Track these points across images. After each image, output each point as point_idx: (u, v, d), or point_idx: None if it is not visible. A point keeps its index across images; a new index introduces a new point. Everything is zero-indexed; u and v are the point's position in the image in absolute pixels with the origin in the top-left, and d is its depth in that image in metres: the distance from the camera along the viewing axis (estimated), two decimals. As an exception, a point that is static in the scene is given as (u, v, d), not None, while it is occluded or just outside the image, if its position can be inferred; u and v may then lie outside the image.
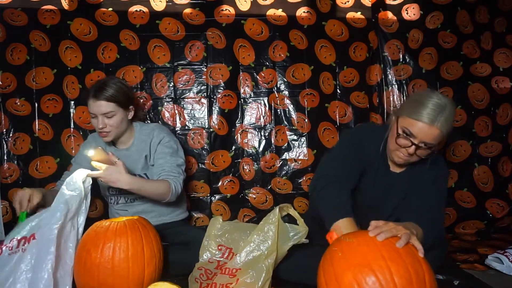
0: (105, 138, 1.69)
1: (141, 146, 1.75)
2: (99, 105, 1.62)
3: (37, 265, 1.17)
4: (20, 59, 2.08)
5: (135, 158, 1.74)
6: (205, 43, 2.21)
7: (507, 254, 1.59)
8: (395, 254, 0.95)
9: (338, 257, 0.99)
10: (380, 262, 0.92)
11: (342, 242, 1.03)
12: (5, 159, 2.07)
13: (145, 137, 1.76)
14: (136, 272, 1.22)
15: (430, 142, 1.29)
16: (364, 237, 1.01)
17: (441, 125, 1.26)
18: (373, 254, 0.95)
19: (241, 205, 2.25)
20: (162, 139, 1.74)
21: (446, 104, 1.27)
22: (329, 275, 0.99)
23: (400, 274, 0.90)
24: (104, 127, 1.64)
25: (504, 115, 2.28)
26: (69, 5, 2.13)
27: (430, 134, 1.27)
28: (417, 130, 1.28)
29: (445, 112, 1.26)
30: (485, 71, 2.27)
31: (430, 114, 1.26)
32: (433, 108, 1.26)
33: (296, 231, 1.30)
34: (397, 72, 2.27)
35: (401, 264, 0.92)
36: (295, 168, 2.26)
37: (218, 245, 1.35)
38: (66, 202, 1.27)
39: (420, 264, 0.95)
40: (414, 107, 1.30)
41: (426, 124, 1.26)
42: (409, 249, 0.98)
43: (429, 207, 1.38)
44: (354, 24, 2.29)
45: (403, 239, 0.98)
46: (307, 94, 2.27)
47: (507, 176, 2.28)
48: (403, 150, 1.34)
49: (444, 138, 1.31)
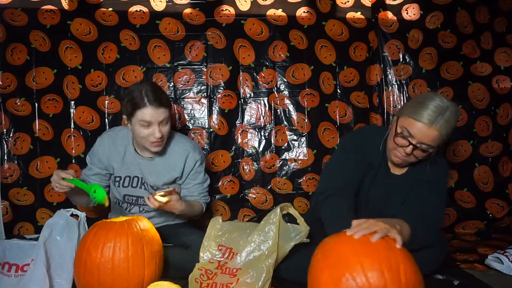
0: (158, 148, 1.58)
1: (168, 159, 1.68)
2: (160, 112, 1.50)
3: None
4: (20, 59, 2.08)
5: (158, 170, 1.67)
6: (205, 43, 2.21)
7: (507, 254, 1.59)
8: (368, 248, 0.98)
9: (317, 258, 1.03)
10: (353, 259, 0.95)
11: (323, 244, 1.07)
12: (5, 159, 2.06)
13: (177, 155, 1.68)
14: (136, 272, 1.22)
15: (428, 143, 1.29)
16: (342, 237, 1.04)
17: (440, 127, 1.26)
18: (348, 252, 0.98)
19: (241, 205, 2.25)
20: (196, 163, 1.70)
21: (448, 107, 1.27)
22: (311, 276, 1.04)
23: (372, 267, 0.93)
24: (162, 136, 1.53)
25: (504, 115, 2.28)
26: (69, 5, 2.13)
27: (429, 135, 1.27)
28: (416, 131, 1.28)
29: (446, 115, 1.26)
30: (486, 71, 2.27)
31: (430, 115, 1.26)
32: (433, 109, 1.26)
33: (297, 231, 1.30)
34: (397, 72, 2.27)
35: (373, 257, 0.95)
36: (295, 168, 2.26)
37: (218, 245, 1.35)
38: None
39: (395, 255, 0.97)
40: (415, 107, 1.30)
41: (425, 124, 1.26)
42: (385, 242, 1.00)
43: (426, 206, 1.38)
44: (354, 24, 2.29)
45: (378, 233, 1.00)
46: (307, 94, 2.27)
47: (507, 176, 2.28)
48: (401, 150, 1.35)
49: (443, 141, 1.31)
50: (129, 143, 1.69)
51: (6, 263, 1.31)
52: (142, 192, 1.70)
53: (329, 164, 1.54)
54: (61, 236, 1.30)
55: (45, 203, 2.09)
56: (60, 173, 1.45)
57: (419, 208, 1.38)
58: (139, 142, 1.59)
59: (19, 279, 1.27)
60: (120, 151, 1.69)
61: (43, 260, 1.21)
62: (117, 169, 1.70)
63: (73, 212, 1.38)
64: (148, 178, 1.69)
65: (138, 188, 1.71)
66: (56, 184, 1.45)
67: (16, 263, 1.31)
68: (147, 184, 1.70)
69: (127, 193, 1.72)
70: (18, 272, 1.29)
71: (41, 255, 1.22)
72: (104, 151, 1.69)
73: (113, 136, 1.72)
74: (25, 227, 2.08)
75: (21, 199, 2.07)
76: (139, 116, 1.50)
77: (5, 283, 1.27)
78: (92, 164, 1.72)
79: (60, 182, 1.44)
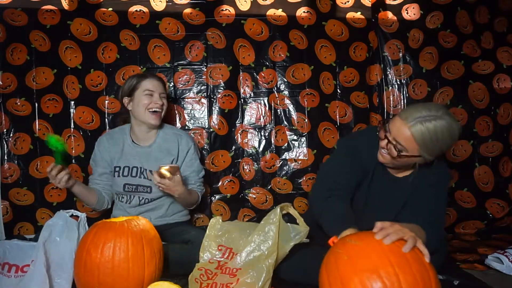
0: (155, 121, 1.76)
1: (164, 146, 1.82)
2: (160, 84, 1.80)
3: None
4: (20, 59, 2.08)
5: (156, 156, 1.80)
6: (205, 43, 2.21)
7: (507, 254, 1.59)
8: (403, 260, 0.93)
9: (344, 261, 0.96)
10: (388, 269, 0.90)
11: (347, 245, 1.00)
12: (6, 159, 2.07)
13: (171, 139, 1.83)
14: (136, 272, 1.22)
15: (400, 142, 1.28)
16: (370, 240, 0.99)
17: (415, 130, 1.23)
18: (381, 260, 0.92)
19: (241, 205, 2.25)
20: (190, 148, 1.85)
21: (436, 119, 1.22)
22: (334, 278, 0.96)
23: (408, 282, 0.89)
24: (162, 104, 1.77)
25: (505, 115, 2.27)
26: (69, 5, 2.13)
27: (401, 132, 1.26)
28: (392, 125, 1.30)
29: (428, 124, 1.22)
30: (488, 68, 2.27)
31: (409, 113, 1.26)
32: (418, 113, 1.24)
33: (297, 231, 1.30)
34: (397, 72, 2.27)
35: (408, 271, 0.91)
36: (295, 168, 2.26)
37: (218, 245, 1.35)
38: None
39: (427, 270, 0.94)
40: (407, 108, 1.32)
41: (401, 120, 1.27)
42: (416, 255, 0.96)
43: (430, 211, 1.37)
44: (354, 24, 2.29)
45: (409, 243, 0.96)
46: (307, 94, 2.27)
47: (507, 176, 2.28)
48: (381, 143, 1.36)
49: (421, 149, 1.26)
50: (126, 135, 1.84)
51: (6, 263, 1.31)
52: (142, 180, 1.78)
53: (324, 167, 1.55)
54: (60, 236, 1.30)
55: (45, 203, 2.09)
56: (48, 169, 1.56)
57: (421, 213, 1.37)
58: (140, 115, 1.76)
59: (19, 280, 1.27)
60: (119, 144, 1.83)
61: (43, 260, 1.21)
62: (117, 159, 1.81)
63: (73, 213, 1.38)
64: (148, 165, 1.78)
65: (138, 178, 1.78)
66: (54, 180, 1.56)
67: (16, 264, 1.31)
68: (145, 171, 1.78)
69: (127, 182, 1.78)
70: (18, 272, 1.29)
71: (40, 255, 1.22)
72: (105, 148, 1.83)
73: (110, 133, 1.89)
74: (25, 227, 2.08)
75: (21, 199, 2.07)
76: (144, 86, 1.75)
77: (5, 283, 1.27)
78: (97, 166, 1.84)
79: (55, 176, 1.55)
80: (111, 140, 1.84)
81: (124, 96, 1.80)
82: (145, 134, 1.82)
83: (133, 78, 1.80)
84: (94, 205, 1.80)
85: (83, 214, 1.42)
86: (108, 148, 1.83)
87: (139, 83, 1.76)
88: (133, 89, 1.77)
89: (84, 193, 1.73)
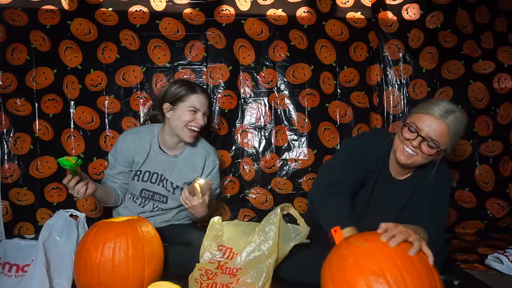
0: (191, 139, 1.66)
1: (190, 160, 1.73)
2: (207, 103, 1.68)
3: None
4: (20, 59, 2.08)
5: (181, 168, 1.72)
6: (205, 43, 2.21)
7: (507, 254, 1.59)
8: (409, 263, 0.93)
9: (349, 263, 0.95)
10: (395, 272, 0.90)
11: (352, 246, 0.99)
12: (6, 159, 2.07)
13: (198, 154, 1.74)
14: (136, 272, 1.22)
15: (435, 138, 1.28)
16: (376, 242, 0.98)
17: (449, 121, 1.27)
18: (387, 262, 0.92)
19: (241, 205, 2.25)
20: (215, 167, 1.77)
21: (457, 110, 1.30)
22: (338, 280, 0.96)
23: (415, 285, 0.89)
24: (203, 124, 1.66)
25: (505, 115, 2.28)
26: (69, 5, 2.13)
27: (437, 128, 1.28)
28: (424, 125, 1.29)
29: (456, 114, 1.29)
30: (489, 68, 2.27)
31: (440, 110, 1.28)
32: (444, 105, 1.29)
33: (297, 231, 1.30)
34: (397, 72, 2.27)
35: (415, 275, 0.90)
36: (295, 168, 2.26)
37: (219, 245, 1.35)
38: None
39: (432, 273, 0.94)
40: (425, 105, 1.33)
41: (434, 117, 1.28)
42: (421, 257, 0.96)
43: (432, 212, 1.37)
44: (354, 24, 2.29)
45: (415, 246, 0.96)
46: (307, 94, 2.27)
47: (507, 175, 2.28)
48: (408, 143, 1.33)
49: (450, 141, 1.31)
50: (154, 139, 1.72)
51: (6, 263, 1.31)
52: (160, 189, 1.73)
53: (326, 164, 1.52)
54: (60, 236, 1.30)
55: (45, 203, 2.09)
56: (64, 181, 1.48)
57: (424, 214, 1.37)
58: (177, 128, 1.64)
59: (20, 279, 1.27)
60: (146, 146, 1.71)
61: (43, 260, 1.21)
62: (140, 163, 1.71)
63: (72, 213, 1.38)
64: (170, 176, 1.72)
65: (156, 185, 1.73)
66: (73, 191, 1.48)
67: (16, 263, 1.31)
68: (166, 181, 1.72)
69: (145, 188, 1.73)
70: (19, 272, 1.29)
71: (40, 255, 1.21)
72: (129, 148, 1.70)
73: (137, 132, 1.74)
74: (25, 227, 2.08)
75: (21, 199, 2.07)
76: (192, 100, 1.63)
77: (5, 283, 1.27)
78: (117, 163, 1.72)
79: (73, 187, 1.47)
80: (138, 141, 1.71)
81: (166, 102, 1.66)
82: (175, 145, 1.72)
83: (181, 87, 1.65)
84: (109, 204, 1.74)
85: (83, 214, 1.42)
86: (133, 150, 1.70)
87: (187, 96, 1.63)
88: (178, 100, 1.63)
89: (103, 196, 1.66)
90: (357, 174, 1.41)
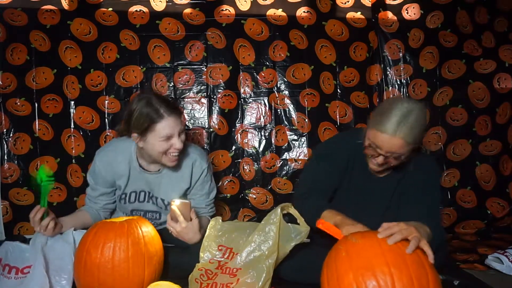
0: (173, 163, 1.48)
1: (175, 171, 1.58)
2: (179, 121, 1.43)
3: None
4: (20, 59, 2.08)
5: (167, 183, 1.58)
6: (205, 43, 2.21)
7: (507, 254, 1.59)
8: (400, 261, 0.94)
9: (342, 257, 0.99)
10: (383, 268, 0.92)
11: (348, 242, 1.03)
12: (6, 159, 2.07)
13: (183, 161, 1.57)
14: (136, 272, 1.22)
15: (396, 151, 1.28)
16: (371, 240, 1.01)
17: (404, 134, 1.24)
18: (377, 259, 0.94)
19: (241, 205, 2.25)
20: (203, 171, 1.61)
21: (412, 111, 1.25)
22: (331, 273, 1.00)
23: (402, 282, 0.90)
24: (182, 146, 1.44)
25: (503, 114, 2.27)
26: (69, 5, 2.13)
27: (394, 144, 1.26)
28: (381, 142, 1.28)
29: (409, 120, 1.24)
30: (490, 67, 2.27)
31: (392, 125, 1.24)
32: (395, 118, 1.25)
33: (298, 231, 1.30)
34: (397, 72, 2.27)
35: (404, 272, 0.92)
36: (295, 168, 2.26)
37: (219, 245, 1.35)
38: None
39: (426, 273, 0.94)
40: (379, 118, 1.29)
41: (388, 135, 1.25)
42: (417, 256, 0.97)
43: (427, 211, 1.38)
44: (354, 24, 2.29)
45: (412, 244, 0.97)
46: (307, 94, 2.27)
47: (507, 175, 2.28)
48: (373, 160, 1.37)
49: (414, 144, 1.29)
50: (132, 158, 1.56)
51: (6, 265, 1.31)
52: (150, 206, 1.62)
53: (303, 172, 1.63)
54: (56, 240, 1.32)
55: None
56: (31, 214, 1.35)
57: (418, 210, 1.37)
58: (155, 157, 1.47)
59: (20, 282, 1.26)
60: (124, 169, 1.55)
61: (42, 261, 1.21)
62: (123, 187, 1.59)
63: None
64: (158, 193, 1.61)
65: (146, 202, 1.62)
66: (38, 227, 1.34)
67: (16, 266, 1.31)
68: (156, 198, 1.61)
69: (134, 208, 1.63)
70: (18, 274, 1.29)
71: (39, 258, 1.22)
72: (107, 171, 1.56)
73: (114, 151, 1.57)
74: (25, 227, 2.08)
75: (21, 199, 2.07)
76: (160, 131, 1.39)
77: (5, 285, 1.26)
78: (97, 185, 1.59)
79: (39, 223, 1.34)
80: (115, 164, 1.54)
81: (133, 130, 1.43)
82: (156, 163, 1.56)
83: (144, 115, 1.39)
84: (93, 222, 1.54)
85: None
86: (111, 171, 1.55)
87: (153, 125, 1.39)
88: (145, 130, 1.41)
89: (77, 226, 1.46)
90: (332, 177, 1.48)
